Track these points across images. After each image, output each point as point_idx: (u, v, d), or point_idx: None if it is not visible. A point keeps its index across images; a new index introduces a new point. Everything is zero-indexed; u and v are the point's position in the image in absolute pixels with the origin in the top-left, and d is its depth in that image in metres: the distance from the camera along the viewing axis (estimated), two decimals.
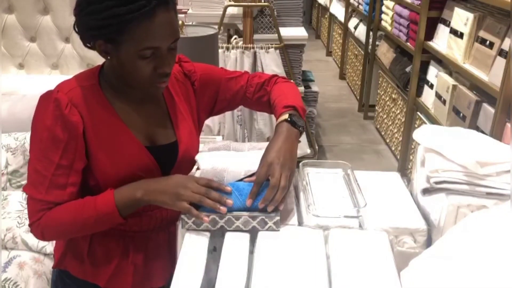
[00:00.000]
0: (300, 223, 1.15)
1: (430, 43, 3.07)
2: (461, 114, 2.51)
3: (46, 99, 1.09)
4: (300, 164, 1.31)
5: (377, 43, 4.48)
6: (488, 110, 2.26)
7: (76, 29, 1.10)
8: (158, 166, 1.17)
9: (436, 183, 1.15)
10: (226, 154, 1.25)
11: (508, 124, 2.01)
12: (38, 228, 1.11)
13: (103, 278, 1.23)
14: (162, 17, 1.02)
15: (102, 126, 1.11)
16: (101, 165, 1.12)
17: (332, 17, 6.74)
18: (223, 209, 1.06)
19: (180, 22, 2.02)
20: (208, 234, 1.10)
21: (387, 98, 4.07)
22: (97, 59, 2.37)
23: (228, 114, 3.15)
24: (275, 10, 3.28)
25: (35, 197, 1.10)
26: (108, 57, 1.09)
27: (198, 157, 1.23)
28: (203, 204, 1.06)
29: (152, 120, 1.19)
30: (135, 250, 1.24)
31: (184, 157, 1.22)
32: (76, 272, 1.25)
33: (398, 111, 3.77)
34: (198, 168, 1.28)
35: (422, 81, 3.20)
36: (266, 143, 1.21)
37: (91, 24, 1.03)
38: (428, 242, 1.16)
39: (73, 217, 1.09)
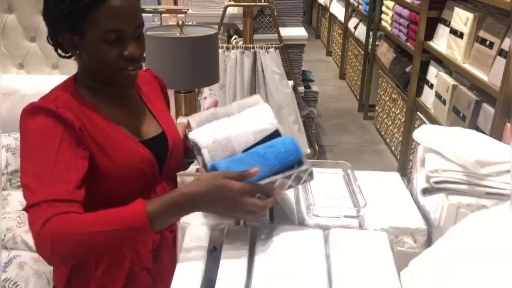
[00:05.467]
0: (300, 223, 1.15)
1: (430, 43, 3.07)
2: (461, 114, 2.51)
3: (31, 111, 1.05)
4: None
5: (377, 43, 4.48)
6: (488, 110, 2.26)
7: (49, 39, 1.12)
8: (154, 157, 1.18)
9: (436, 183, 1.15)
10: (220, 123, 1.19)
11: (508, 124, 2.01)
12: (46, 236, 0.92)
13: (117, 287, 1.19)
14: (123, 1, 1.05)
15: (94, 128, 1.10)
16: (102, 167, 1.09)
17: (332, 17, 6.74)
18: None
19: (180, 22, 2.02)
20: (208, 234, 1.10)
21: (387, 98, 4.07)
22: None
23: None
24: (275, 10, 3.28)
25: (35, 201, 0.96)
26: (77, 52, 1.10)
27: (193, 136, 1.15)
28: (267, 207, 1.02)
29: (136, 115, 1.21)
30: (144, 253, 1.22)
31: (175, 145, 1.23)
32: None
33: (398, 111, 3.77)
34: (194, 146, 1.17)
35: (422, 81, 3.20)
36: (255, 98, 1.25)
37: (57, 15, 1.06)
38: (428, 242, 1.16)
39: (93, 228, 0.94)
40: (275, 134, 1.15)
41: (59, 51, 1.15)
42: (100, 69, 1.11)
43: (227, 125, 1.17)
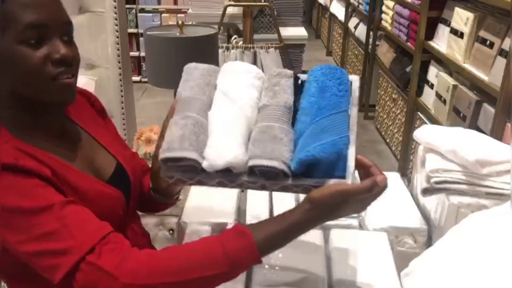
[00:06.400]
0: None
1: (430, 43, 3.07)
2: (461, 114, 2.51)
3: None
4: None
5: (377, 43, 4.48)
6: (488, 110, 2.26)
7: None
8: (121, 193, 0.99)
9: (436, 183, 1.15)
10: (221, 120, 0.88)
11: (508, 124, 2.01)
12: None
13: None
14: None
15: (56, 176, 0.86)
16: None
17: (332, 17, 6.73)
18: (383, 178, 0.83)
19: (180, 22, 2.02)
20: (208, 233, 1.10)
21: (387, 98, 4.06)
22: (96, 59, 2.37)
23: None
24: (275, 10, 3.28)
25: (75, 260, 0.77)
26: None
27: (224, 162, 0.83)
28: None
29: (87, 151, 0.99)
30: None
31: (135, 175, 1.05)
32: None
33: (398, 111, 3.77)
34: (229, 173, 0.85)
35: (422, 81, 3.20)
36: (197, 69, 1.01)
37: None
38: (428, 242, 1.16)
39: (193, 273, 0.78)
40: (296, 79, 0.93)
41: None
42: (26, 86, 0.86)
43: (234, 114, 0.88)
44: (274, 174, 0.82)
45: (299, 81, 0.93)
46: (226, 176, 0.84)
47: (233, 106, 0.89)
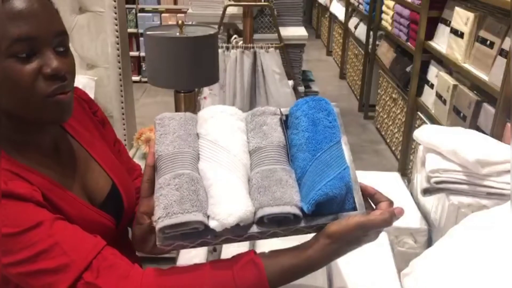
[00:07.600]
0: None
1: (431, 42, 3.07)
2: (462, 114, 2.51)
3: None
4: None
5: (377, 42, 4.48)
6: (488, 110, 2.26)
7: None
8: (113, 219, 0.96)
9: (437, 183, 1.15)
10: (215, 177, 0.81)
11: (508, 124, 2.00)
12: None
13: None
14: (29, 0, 0.77)
15: (47, 201, 0.82)
16: None
17: (332, 17, 6.74)
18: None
19: (180, 21, 2.02)
20: None
21: (387, 98, 4.07)
22: (96, 59, 2.37)
23: None
24: (275, 9, 3.27)
25: (72, 279, 0.74)
26: None
27: (234, 219, 0.76)
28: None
29: (83, 171, 0.94)
30: None
31: (129, 199, 1.00)
32: None
33: (399, 111, 3.77)
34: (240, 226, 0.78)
35: (423, 81, 3.20)
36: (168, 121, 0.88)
37: None
38: (429, 242, 1.16)
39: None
40: (281, 117, 0.91)
41: None
42: (18, 103, 0.79)
43: (230, 163, 0.82)
44: (284, 219, 0.78)
45: (284, 117, 0.90)
46: (234, 232, 0.77)
47: (227, 155, 0.82)
